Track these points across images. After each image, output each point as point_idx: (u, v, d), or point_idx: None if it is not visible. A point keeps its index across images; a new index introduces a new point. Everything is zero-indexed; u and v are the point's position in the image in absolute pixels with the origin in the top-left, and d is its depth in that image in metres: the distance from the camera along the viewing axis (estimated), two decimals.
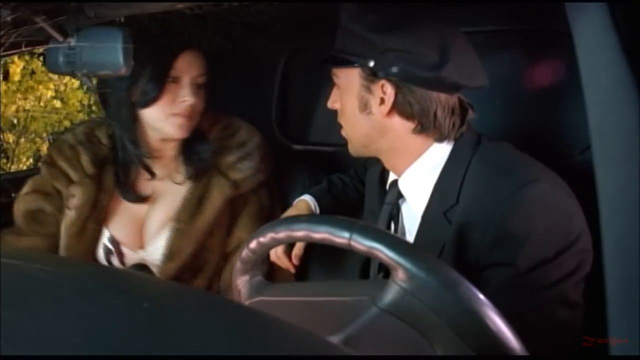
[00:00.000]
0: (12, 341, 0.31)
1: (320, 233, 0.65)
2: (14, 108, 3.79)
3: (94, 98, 4.01)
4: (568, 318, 0.84)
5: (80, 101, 4.08)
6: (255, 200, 1.27)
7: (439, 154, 0.94)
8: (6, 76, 3.66)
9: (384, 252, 0.60)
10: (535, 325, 0.79)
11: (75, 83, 3.94)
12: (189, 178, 1.22)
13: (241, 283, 0.79)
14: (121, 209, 1.23)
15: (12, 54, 0.87)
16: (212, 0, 0.92)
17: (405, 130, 0.94)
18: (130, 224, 1.23)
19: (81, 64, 0.88)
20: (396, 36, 0.89)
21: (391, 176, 1.03)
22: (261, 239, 0.73)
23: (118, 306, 0.36)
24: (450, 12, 1.02)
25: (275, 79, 1.58)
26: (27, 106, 3.86)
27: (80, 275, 0.42)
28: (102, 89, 1.16)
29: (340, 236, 0.63)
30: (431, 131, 0.93)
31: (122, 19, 0.91)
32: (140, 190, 1.23)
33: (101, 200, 1.20)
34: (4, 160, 3.89)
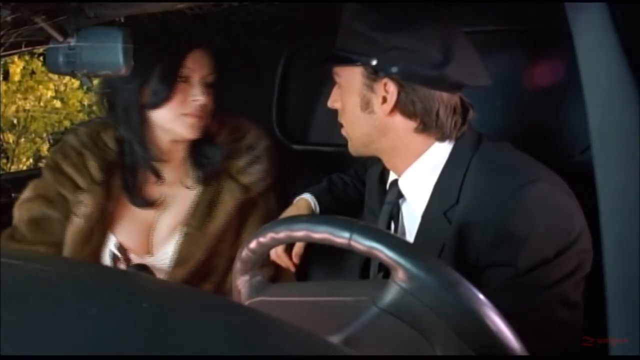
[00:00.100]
0: (12, 341, 0.31)
1: (320, 233, 0.65)
2: (14, 108, 3.79)
3: (94, 98, 4.02)
4: (568, 318, 0.84)
5: (80, 101, 4.08)
6: (263, 204, 1.25)
7: (439, 154, 0.94)
8: (6, 76, 3.67)
9: (384, 252, 0.60)
10: (535, 325, 0.79)
11: (75, 83, 3.95)
12: (199, 182, 1.20)
13: (241, 283, 0.78)
14: (127, 214, 1.20)
15: (12, 54, 0.87)
16: (212, 0, 0.92)
17: (407, 130, 0.94)
18: (136, 230, 1.20)
19: (81, 64, 0.88)
20: (400, 34, 0.89)
21: (391, 176, 1.03)
22: (261, 239, 0.73)
23: (118, 306, 0.36)
24: (451, 12, 1.02)
25: (275, 79, 1.58)
26: (27, 106, 3.87)
27: (80, 275, 0.42)
28: (108, 91, 1.14)
29: (340, 236, 0.63)
30: (433, 130, 0.93)
31: (122, 19, 0.91)
32: (148, 196, 1.20)
33: (109, 207, 1.18)
34: (4, 160, 3.90)
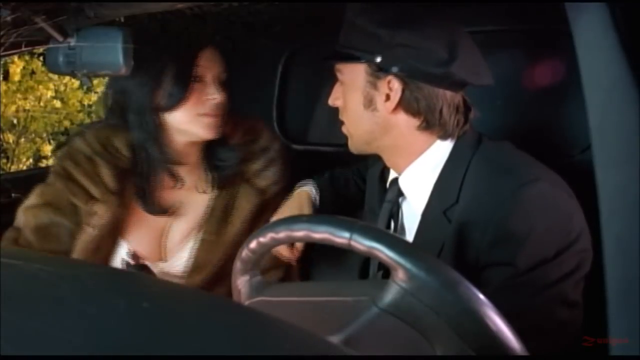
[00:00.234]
0: (12, 341, 0.31)
1: (320, 233, 0.65)
2: (14, 108, 3.79)
3: (94, 98, 4.02)
4: (568, 318, 0.84)
5: (80, 101, 4.08)
6: (275, 206, 1.22)
7: (440, 153, 0.94)
8: (6, 76, 3.67)
9: (384, 252, 0.60)
10: (535, 324, 0.79)
11: (75, 83, 3.95)
12: (215, 186, 1.18)
13: (241, 283, 0.79)
14: (140, 221, 1.17)
15: (12, 54, 0.87)
16: (212, 0, 0.92)
17: (409, 127, 0.93)
18: (149, 236, 1.18)
19: (81, 64, 0.88)
20: (405, 32, 0.88)
21: (392, 174, 1.03)
22: (261, 239, 0.73)
23: (118, 306, 0.36)
24: (451, 12, 1.02)
25: (275, 79, 1.58)
26: (27, 106, 3.87)
27: (80, 275, 0.42)
28: (118, 95, 1.12)
29: (340, 236, 0.63)
30: (436, 128, 0.93)
31: (122, 19, 0.91)
32: (163, 202, 1.17)
33: (121, 215, 1.15)
34: (4, 160, 3.90)
